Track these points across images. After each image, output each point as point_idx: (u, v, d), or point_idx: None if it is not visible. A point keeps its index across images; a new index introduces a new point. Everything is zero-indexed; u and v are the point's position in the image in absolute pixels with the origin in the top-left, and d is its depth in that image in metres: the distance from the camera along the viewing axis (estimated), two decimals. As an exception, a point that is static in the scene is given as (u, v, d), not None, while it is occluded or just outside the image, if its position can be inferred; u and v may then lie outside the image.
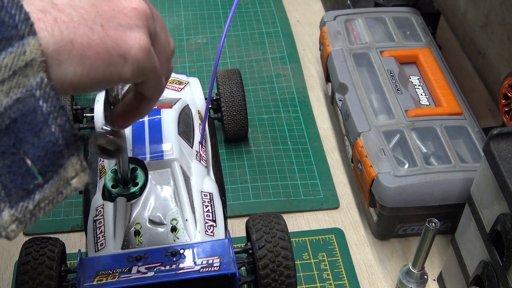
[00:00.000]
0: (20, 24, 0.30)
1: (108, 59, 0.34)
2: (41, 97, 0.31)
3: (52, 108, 0.31)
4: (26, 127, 0.31)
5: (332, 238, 0.66)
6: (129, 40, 0.36)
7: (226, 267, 0.49)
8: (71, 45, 0.32)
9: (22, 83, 0.31)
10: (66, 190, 0.33)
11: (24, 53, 0.30)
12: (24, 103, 0.31)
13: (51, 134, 0.31)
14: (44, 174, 0.32)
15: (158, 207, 0.54)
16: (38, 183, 0.31)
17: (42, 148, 0.31)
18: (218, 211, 0.56)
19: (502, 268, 0.47)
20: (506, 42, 0.78)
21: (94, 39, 0.34)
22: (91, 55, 0.33)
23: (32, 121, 0.31)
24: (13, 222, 0.31)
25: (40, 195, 0.32)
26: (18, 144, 0.31)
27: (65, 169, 0.32)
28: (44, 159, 0.31)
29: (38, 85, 0.31)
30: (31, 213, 0.31)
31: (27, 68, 0.31)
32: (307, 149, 0.75)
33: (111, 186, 0.55)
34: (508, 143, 0.48)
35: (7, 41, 0.30)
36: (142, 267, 0.49)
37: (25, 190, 0.31)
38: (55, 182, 0.32)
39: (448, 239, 0.63)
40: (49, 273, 0.49)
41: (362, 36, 0.75)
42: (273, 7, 0.97)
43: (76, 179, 0.33)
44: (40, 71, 0.31)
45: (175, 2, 0.97)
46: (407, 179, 0.59)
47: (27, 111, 0.31)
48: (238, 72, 0.73)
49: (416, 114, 0.65)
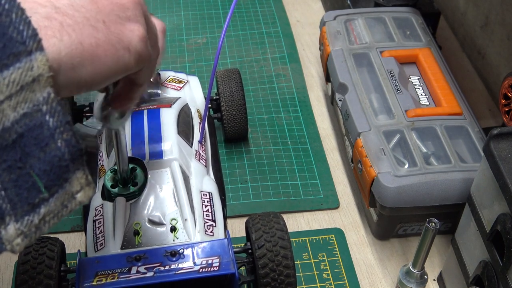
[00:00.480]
0: (28, 40, 0.31)
1: (116, 54, 0.35)
2: (48, 112, 0.31)
3: (58, 123, 0.32)
4: (33, 142, 0.31)
5: (332, 238, 0.66)
6: (128, 32, 0.36)
7: (226, 267, 0.49)
8: (81, 47, 0.33)
9: (29, 98, 0.31)
10: (71, 204, 0.33)
11: (31, 68, 0.31)
12: (31, 118, 0.31)
13: (57, 149, 0.32)
14: (49, 188, 0.32)
15: (158, 207, 0.54)
16: (43, 197, 0.32)
17: (48, 162, 0.31)
18: (217, 210, 0.56)
19: (502, 268, 0.47)
20: (506, 42, 0.78)
21: (100, 37, 0.34)
22: (100, 54, 0.34)
23: (38, 136, 0.31)
24: (18, 236, 0.31)
25: (45, 209, 0.32)
26: (24, 159, 0.31)
27: (71, 183, 0.33)
28: (50, 174, 0.32)
29: (45, 100, 0.31)
30: (36, 227, 0.32)
31: (34, 84, 0.31)
32: (307, 149, 0.75)
33: (111, 186, 0.55)
34: (508, 143, 0.48)
35: (15, 57, 0.30)
36: (141, 267, 0.49)
37: (31, 204, 0.31)
38: (60, 196, 0.32)
39: (448, 239, 0.63)
40: (49, 273, 0.49)
41: (362, 36, 0.75)
42: (273, 7, 0.97)
43: (81, 193, 0.33)
44: (47, 86, 0.31)
45: (175, 2, 0.97)
46: (407, 179, 0.59)
47: (33, 125, 0.31)
48: (238, 71, 0.73)
49: (416, 114, 0.65)
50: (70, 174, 0.32)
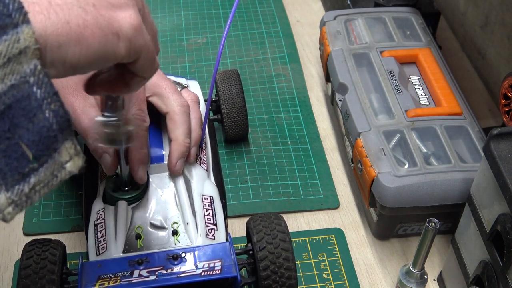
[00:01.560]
0: (14, 13, 0.31)
1: (104, 38, 0.35)
2: (35, 83, 0.32)
3: (46, 94, 0.32)
4: (21, 113, 0.32)
5: (332, 238, 0.66)
6: (120, 19, 0.36)
7: (228, 270, 0.50)
8: (68, 26, 0.33)
9: (17, 70, 0.31)
10: (60, 173, 0.34)
11: (18, 40, 0.31)
12: (19, 89, 0.31)
13: (45, 119, 0.32)
14: (38, 158, 0.32)
15: (159, 211, 0.54)
16: (33, 167, 0.32)
17: (37, 133, 0.32)
18: (218, 214, 0.56)
19: (502, 268, 0.47)
20: (506, 42, 0.78)
21: (88, 19, 0.34)
22: (88, 35, 0.34)
23: (26, 107, 0.32)
24: (10, 205, 0.32)
25: (35, 178, 0.32)
26: (13, 129, 0.32)
27: (60, 153, 0.33)
28: (38, 144, 0.32)
29: (32, 72, 0.32)
30: (27, 196, 0.32)
31: (21, 56, 0.31)
32: (307, 149, 0.75)
33: (112, 190, 0.55)
34: (508, 143, 0.48)
35: (2, 29, 0.31)
36: (143, 271, 0.49)
37: (21, 173, 0.32)
38: (50, 166, 0.33)
39: (448, 239, 0.63)
40: (51, 278, 0.49)
41: (362, 36, 0.75)
42: (273, 7, 0.97)
43: (71, 163, 0.34)
44: (33, 58, 0.32)
45: (175, 2, 0.97)
46: (407, 179, 0.59)
47: (21, 97, 0.32)
48: (237, 72, 0.73)
49: (416, 114, 0.66)
50: (59, 144, 0.33)
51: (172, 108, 0.57)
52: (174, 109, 0.57)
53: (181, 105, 0.57)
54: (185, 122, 0.57)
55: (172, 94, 0.58)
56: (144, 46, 0.38)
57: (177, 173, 0.56)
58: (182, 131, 0.57)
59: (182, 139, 0.56)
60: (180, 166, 0.56)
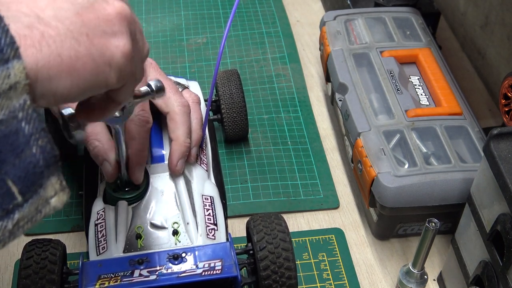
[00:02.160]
0: (6, 48, 0.31)
1: (95, 69, 0.35)
2: (24, 118, 0.31)
3: (34, 130, 0.32)
4: (8, 148, 0.31)
5: (332, 238, 0.66)
6: (112, 48, 0.36)
7: (228, 270, 0.50)
8: (59, 59, 0.33)
9: (6, 105, 0.31)
10: (45, 209, 0.33)
11: (8, 76, 0.31)
12: (7, 125, 0.31)
13: (32, 155, 0.32)
14: (24, 194, 0.32)
15: (160, 211, 0.54)
16: (17, 203, 0.32)
17: (23, 168, 0.32)
18: (219, 214, 0.56)
19: (502, 268, 0.48)
20: (506, 42, 0.78)
21: (81, 51, 0.34)
22: (79, 67, 0.34)
23: (14, 142, 0.31)
24: None
25: (20, 214, 0.32)
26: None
27: (45, 189, 0.33)
28: (24, 180, 0.32)
29: (21, 107, 0.31)
30: (10, 232, 0.32)
31: (11, 91, 0.31)
32: (307, 149, 0.75)
33: (112, 190, 0.55)
34: (508, 143, 0.48)
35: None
36: (144, 271, 0.49)
37: (5, 210, 0.31)
38: (35, 202, 0.33)
39: (448, 239, 0.64)
40: (51, 277, 0.49)
41: (362, 36, 0.75)
42: (273, 7, 0.97)
43: (55, 198, 0.33)
44: (23, 93, 0.31)
45: (175, 2, 0.97)
46: (407, 179, 0.59)
47: (9, 132, 0.31)
48: (237, 72, 0.73)
49: (416, 114, 0.66)
50: (44, 180, 0.32)
51: (172, 108, 0.57)
52: (175, 109, 0.57)
53: (181, 105, 0.58)
54: (186, 122, 0.57)
55: (173, 94, 0.58)
56: (131, 74, 0.38)
57: (177, 173, 0.56)
58: (182, 131, 0.57)
59: (182, 139, 0.56)
60: (181, 166, 0.56)
